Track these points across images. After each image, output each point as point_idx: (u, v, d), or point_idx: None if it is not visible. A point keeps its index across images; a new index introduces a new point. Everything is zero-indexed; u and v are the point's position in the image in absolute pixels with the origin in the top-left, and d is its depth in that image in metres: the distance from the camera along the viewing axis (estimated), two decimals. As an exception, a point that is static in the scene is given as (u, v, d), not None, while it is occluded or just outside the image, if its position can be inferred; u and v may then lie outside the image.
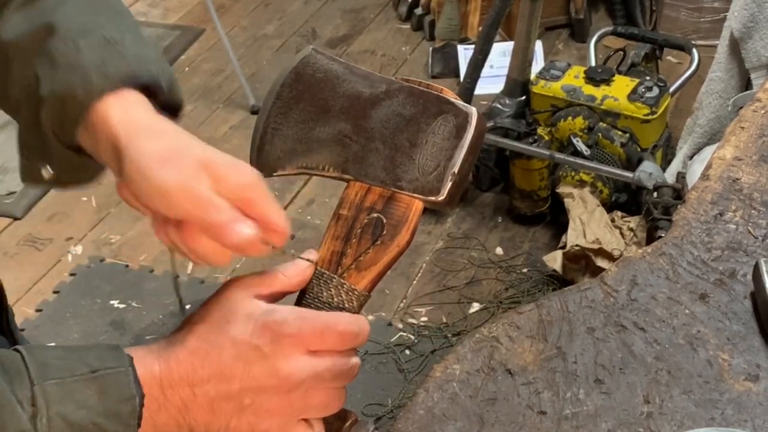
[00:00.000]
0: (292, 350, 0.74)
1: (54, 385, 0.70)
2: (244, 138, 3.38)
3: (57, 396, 0.70)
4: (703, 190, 1.28)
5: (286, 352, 0.74)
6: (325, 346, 0.75)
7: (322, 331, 0.75)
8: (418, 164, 0.80)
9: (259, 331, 0.74)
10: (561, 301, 1.13)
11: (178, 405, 0.74)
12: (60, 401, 0.70)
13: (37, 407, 0.69)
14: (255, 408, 0.75)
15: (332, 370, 0.76)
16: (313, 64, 0.82)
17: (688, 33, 3.68)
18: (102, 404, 0.71)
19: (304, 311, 0.77)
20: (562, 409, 1.01)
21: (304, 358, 0.74)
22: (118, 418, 0.71)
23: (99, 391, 0.71)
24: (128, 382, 0.72)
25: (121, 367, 0.72)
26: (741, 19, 2.50)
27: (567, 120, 2.79)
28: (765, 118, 1.40)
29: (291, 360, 0.74)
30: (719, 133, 2.57)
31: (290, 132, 0.81)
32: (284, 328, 0.74)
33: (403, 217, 0.80)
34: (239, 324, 0.75)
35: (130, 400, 0.71)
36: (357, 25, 4.12)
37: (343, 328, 0.76)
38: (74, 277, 2.83)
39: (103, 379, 0.71)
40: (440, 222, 3.01)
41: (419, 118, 0.80)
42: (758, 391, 1.02)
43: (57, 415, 0.69)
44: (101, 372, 0.71)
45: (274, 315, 0.75)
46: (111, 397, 0.71)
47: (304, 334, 0.74)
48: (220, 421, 0.75)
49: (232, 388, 0.74)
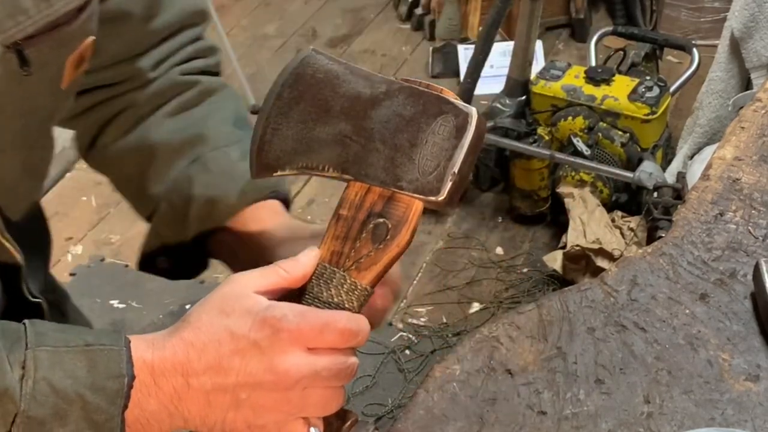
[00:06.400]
0: (291, 346, 0.74)
1: (46, 351, 0.71)
2: (244, 138, 3.38)
3: (47, 362, 0.70)
4: (703, 190, 1.28)
5: (285, 349, 0.74)
6: (324, 343, 0.75)
7: (322, 329, 0.75)
8: (418, 164, 0.80)
9: (258, 326, 0.74)
10: (561, 301, 1.13)
11: (170, 394, 0.74)
12: (49, 367, 0.70)
13: (26, 370, 0.70)
14: (251, 403, 0.74)
15: (331, 369, 0.75)
16: (313, 64, 0.82)
17: (688, 33, 3.68)
18: (89, 377, 0.71)
19: (304, 308, 0.77)
20: (562, 410, 1.01)
21: (302, 355, 0.74)
22: (103, 394, 0.71)
23: (89, 364, 0.71)
24: (120, 361, 0.72)
25: (115, 346, 0.73)
26: (741, 18, 2.50)
27: (567, 120, 2.79)
28: (765, 118, 1.40)
29: (289, 356, 0.74)
30: (719, 133, 2.57)
31: (290, 132, 0.81)
32: (283, 324, 0.74)
33: (403, 217, 0.80)
34: (238, 318, 0.75)
35: (118, 378, 0.71)
36: (357, 25, 4.12)
37: (343, 326, 0.76)
38: (74, 277, 2.83)
39: (95, 354, 0.72)
40: (440, 222, 3.01)
41: (419, 118, 0.80)
42: (758, 391, 1.02)
43: (43, 379, 0.70)
44: (95, 347, 0.72)
45: (273, 311, 0.75)
46: (99, 372, 0.71)
47: (303, 331, 0.74)
48: (215, 414, 0.75)
49: (228, 381, 0.74)
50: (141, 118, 0.98)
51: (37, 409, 0.69)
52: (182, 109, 0.99)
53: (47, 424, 0.70)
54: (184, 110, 0.99)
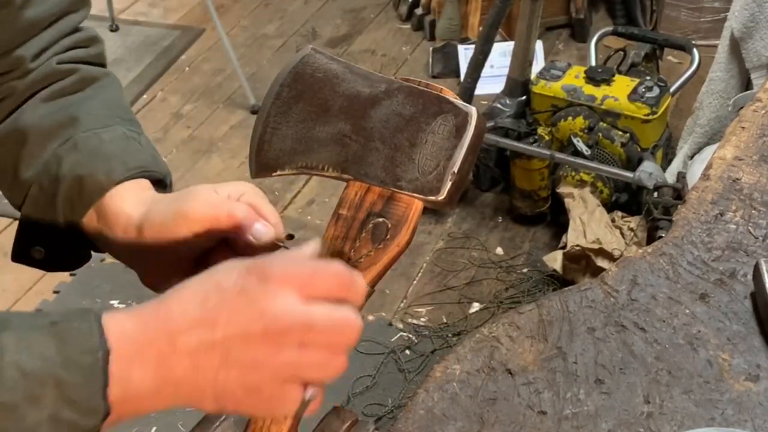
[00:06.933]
0: (281, 290, 0.68)
1: (10, 336, 0.66)
2: (244, 138, 3.38)
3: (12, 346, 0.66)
4: (703, 190, 1.28)
5: (275, 293, 0.68)
6: (317, 289, 0.69)
7: (313, 273, 0.69)
8: (417, 164, 0.80)
9: (245, 274, 0.69)
10: (561, 301, 1.13)
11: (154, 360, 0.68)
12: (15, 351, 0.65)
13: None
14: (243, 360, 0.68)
15: (326, 321, 0.69)
16: (312, 63, 0.82)
17: (688, 33, 3.68)
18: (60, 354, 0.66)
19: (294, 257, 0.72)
20: (562, 409, 1.01)
21: (294, 301, 0.68)
22: (77, 370, 0.66)
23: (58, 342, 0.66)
24: (90, 335, 0.67)
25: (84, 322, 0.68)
26: (741, 18, 2.50)
27: (567, 120, 2.79)
28: (765, 118, 1.40)
29: (279, 300, 0.68)
30: (719, 133, 2.57)
31: (290, 132, 0.81)
32: (272, 269, 0.69)
33: (402, 216, 0.80)
34: (223, 272, 0.70)
35: (92, 352, 0.66)
36: (357, 25, 4.12)
37: (337, 271, 0.70)
38: (74, 277, 2.83)
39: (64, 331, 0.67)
40: (440, 222, 3.01)
41: (419, 118, 0.80)
42: (758, 391, 1.02)
43: (10, 364, 0.65)
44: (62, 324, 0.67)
45: (260, 260, 0.70)
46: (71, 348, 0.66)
47: (293, 274, 0.69)
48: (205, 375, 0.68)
49: (215, 336, 0.67)
50: (17, 106, 0.97)
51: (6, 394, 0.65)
52: (58, 95, 0.97)
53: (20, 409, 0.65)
54: (60, 96, 0.97)
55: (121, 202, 0.90)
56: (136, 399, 0.68)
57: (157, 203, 0.88)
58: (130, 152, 0.93)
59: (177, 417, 2.35)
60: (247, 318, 0.68)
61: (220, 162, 3.34)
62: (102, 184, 0.90)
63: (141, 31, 4.11)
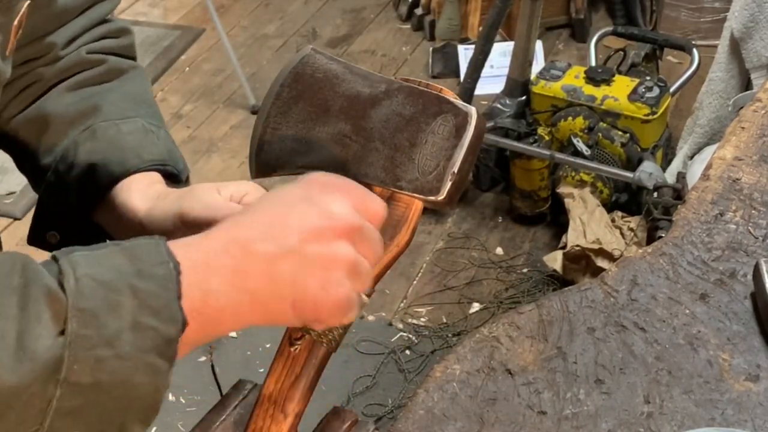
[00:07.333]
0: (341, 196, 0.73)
1: (81, 256, 0.66)
2: (244, 138, 3.38)
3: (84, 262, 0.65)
4: (703, 190, 1.28)
5: (335, 197, 0.73)
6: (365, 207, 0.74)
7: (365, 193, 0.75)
8: (417, 164, 0.80)
9: (306, 186, 0.73)
10: (561, 301, 1.13)
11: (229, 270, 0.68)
12: (87, 266, 0.65)
13: (64, 273, 0.64)
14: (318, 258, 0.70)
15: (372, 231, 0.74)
16: (312, 63, 0.82)
17: (688, 33, 3.68)
18: (133, 267, 0.65)
19: None
20: (562, 409, 1.01)
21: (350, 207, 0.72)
22: (152, 280, 0.65)
23: (129, 257, 0.66)
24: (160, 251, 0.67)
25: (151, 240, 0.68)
26: (741, 19, 2.50)
27: (567, 120, 2.79)
28: (765, 118, 1.40)
29: (338, 203, 0.72)
30: (719, 133, 2.57)
31: (290, 132, 0.81)
32: (331, 180, 0.75)
33: (402, 216, 0.80)
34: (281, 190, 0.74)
35: (163, 263, 0.66)
36: (357, 25, 4.12)
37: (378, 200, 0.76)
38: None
39: (133, 248, 0.67)
40: (440, 222, 3.01)
41: (419, 118, 0.80)
42: (758, 391, 1.02)
43: (85, 276, 0.64)
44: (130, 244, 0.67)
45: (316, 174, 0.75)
46: (142, 262, 0.66)
47: (351, 189, 0.74)
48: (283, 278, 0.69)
49: (289, 240, 0.69)
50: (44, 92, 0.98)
51: (85, 301, 0.63)
52: (84, 84, 0.98)
53: (101, 316, 0.63)
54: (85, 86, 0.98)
55: (128, 195, 0.91)
56: (215, 310, 0.68)
57: (162, 200, 0.90)
58: (146, 145, 0.94)
59: (177, 417, 2.35)
60: (317, 219, 0.71)
61: (220, 162, 3.34)
62: (114, 174, 0.91)
63: (141, 31, 4.11)
